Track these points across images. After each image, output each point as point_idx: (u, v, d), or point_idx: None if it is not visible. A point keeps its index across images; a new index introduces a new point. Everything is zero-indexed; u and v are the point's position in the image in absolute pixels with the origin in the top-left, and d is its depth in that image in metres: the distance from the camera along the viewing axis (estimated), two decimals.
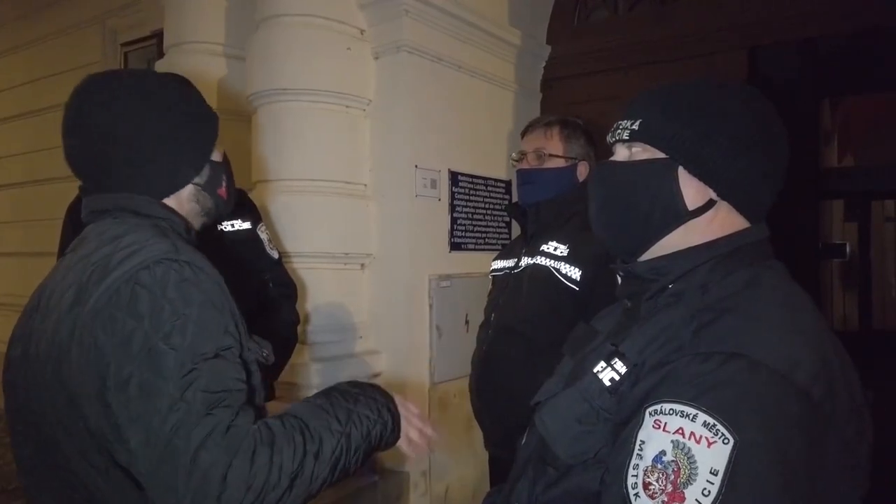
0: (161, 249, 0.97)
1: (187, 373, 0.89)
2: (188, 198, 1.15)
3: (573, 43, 3.61)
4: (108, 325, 0.92)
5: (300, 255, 2.69)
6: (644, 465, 0.74)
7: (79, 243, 1.08)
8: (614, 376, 0.84)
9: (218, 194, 1.19)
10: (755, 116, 0.91)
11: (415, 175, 2.87)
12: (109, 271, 0.95)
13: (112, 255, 0.97)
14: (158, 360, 0.90)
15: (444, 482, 3.00)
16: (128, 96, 1.08)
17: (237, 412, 0.92)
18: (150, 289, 0.93)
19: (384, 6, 2.83)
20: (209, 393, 0.90)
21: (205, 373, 0.91)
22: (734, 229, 0.91)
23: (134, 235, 1.01)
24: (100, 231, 1.06)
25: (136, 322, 0.91)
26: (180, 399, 0.88)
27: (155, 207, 1.09)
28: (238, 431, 0.89)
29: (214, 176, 1.18)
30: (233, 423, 0.90)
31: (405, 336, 2.87)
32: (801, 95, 5.04)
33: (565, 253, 1.86)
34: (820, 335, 0.82)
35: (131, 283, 0.93)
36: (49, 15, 5.10)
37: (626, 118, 0.96)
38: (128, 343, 0.90)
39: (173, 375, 0.89)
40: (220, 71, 3.15)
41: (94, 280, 0.95)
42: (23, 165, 5.27)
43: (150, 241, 0.99)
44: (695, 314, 0.83)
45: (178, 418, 0.87)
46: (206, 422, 0.88)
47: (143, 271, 0.94)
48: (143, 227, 1.04)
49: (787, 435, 0.71)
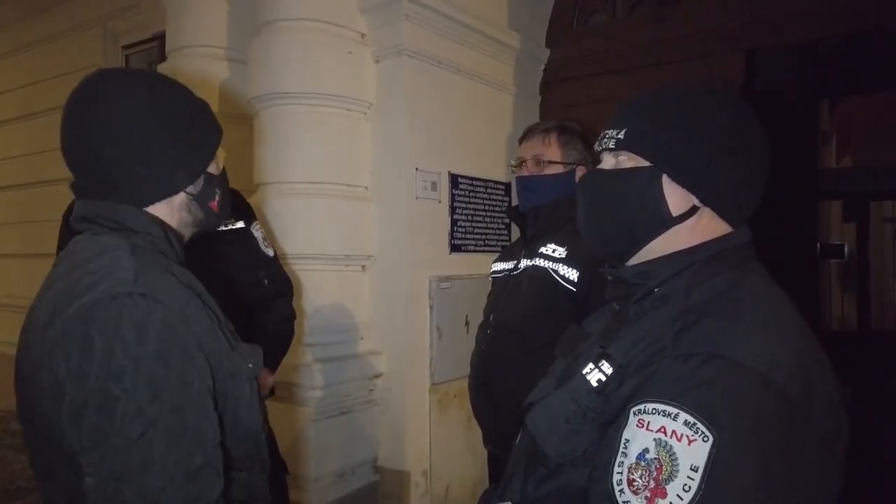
0: (119, 280, 0.94)
1: (139, 435, 0.88)
2: (179, 206, 1.13)
3: (572, 46, 3.64)
4: (62, 360, 0.91)
5: (301, 257, 2.72)
6: (628, 463, 0.77)
7: (61, 258, 1.06)
8: (601, 377, 0.88)
9: (209, 206, 1.17)
10: (738, 125, 0.94)
11: (415, 177, 2.90)
12: (73, 299, 0.94)
13: (80, 280, 0.96)
14: (110, 405, 0.88)
15: (445, 482, 3.03)
16: (135, 93, 1.06)
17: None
18: (102, 328, 0.90)
19: (385, 10, 2.86)
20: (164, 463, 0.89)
21: (160, 436, 0.89)
22: (717, 234, 0.95)
23: (102, 259, 0.99)
24: (79, 248, 1.04)
25: (88, 363, 0.89)
26: (130, 448, 0.88)
27: (139, 219, 1.07)
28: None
29: (208, 188, 1.15)
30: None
31: (406, 337, 2.90)
32: (798, 97, 5.06)
33: (563, 255, 1.90)
34: (798, 336, 0.85)
35: (85, 319, 0.91)
36: (50, 17, 5.11)
37: (612, 127, 0.99)
38: (81, 380, 0.89)
39: (124, 422, 0.88)
40: (221, 74, 3.18)
41: (61, 306, 0.95)
42: (23, 167, 5.29)
43: (113, 268, 0.96)
44: (677, 317, 0.86)
45: (129, 480, 0.87)
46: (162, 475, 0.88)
47: (95, 308, 0.92)
48: (117, 248, 1.01)
49: (764, 432, 0.74)
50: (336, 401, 2.73)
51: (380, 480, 2.91)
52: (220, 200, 1.19)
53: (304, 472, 2.62)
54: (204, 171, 1.15)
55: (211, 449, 0.95)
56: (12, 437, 4.32)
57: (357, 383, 2.84)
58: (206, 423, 0.95)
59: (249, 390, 1.08)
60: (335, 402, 2.73)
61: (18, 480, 3.64)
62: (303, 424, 2.65)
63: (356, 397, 2.83)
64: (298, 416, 2.65)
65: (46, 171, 4.95)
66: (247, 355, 1.09)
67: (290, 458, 2.14)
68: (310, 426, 2.65)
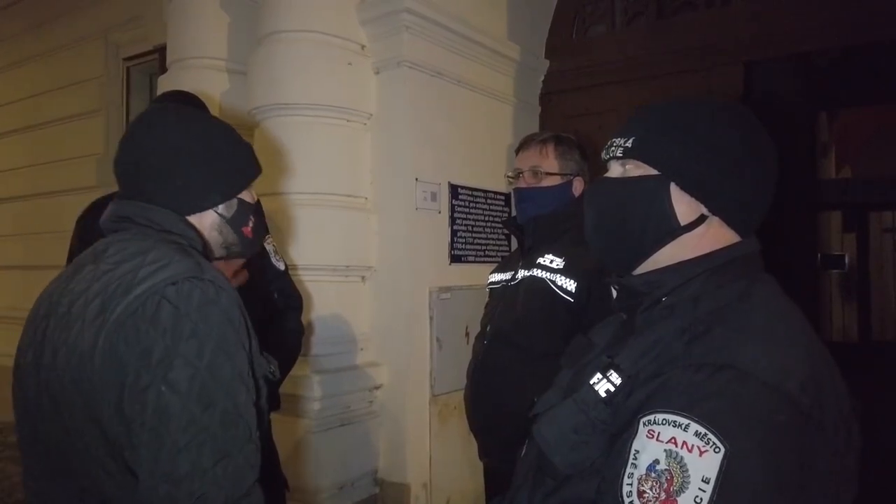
0: (187, 267, 1.01)
1: (203, 410, 0.94)
2: (210, 226, 1.19)
3: (571, 57, 3.65)
4: (131, 335, 0.95)
5: (301, 268, 2.72)
6: (638, 474, 0.76)
7: (99, 255, 1.09)
8: (610, 387, 0.87)
9: (242, 231, 1.23)
10: (746, 134, 0.94)
11: (415, 188, 2.90)
12: (135, 284, 0.98)
13: (138, 270, 1.00)
14: (175, 374, 0.93)
15: (445, 494, 3.00)
16: (184, 119, 1.19)
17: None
18: (175, 304, 0.96)
19: (385, 22, 2.87)
20: (216, 455, 0.94)
21: (215, 421, 0.95)
22: (725, 243, 0.94)
23: (158, 252, 1.03)
24: (122, 246, 1.08)
25: (158, 334, 0.94)
26: (190, 427, 0.93)
27: (177, 223, 1.13)
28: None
29: (242, 213, 1.22)
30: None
31: (406, 348, 2.89)
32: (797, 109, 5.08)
33: (561, 265, 1.89)
34: (809, 346, 0.84)
35: (157, 296, 0.96)
36: (51, 29, 5.13)
37: (619, 136, 0.98)
38: (148, 354, 0.94)
39: (188, 394, 0.93)
40: (222, 85, 3.19)
41: (119, 292, 0.98)
42: (25, 179, 5.30)
43: (175, 258, 1.02)
44: (687, 326, 0.85)
45: (190, 461, 0.92)
46: (209, 478, 0.93)
47: (169, 287, 0.97)
48: (166, 244, 1.07)
49: (776, 443, 0.73)
50: (336, 412, 2.72)
51: (380, 493, 2.88)
52: (254, 227, 1.26)
53: (304, 485, 2.60)
54: (237, 197, 1.21)
55: (248, 442, 1.00)
56: (11, 450, 4.29)
57: (357, 395, 2.82)
58: (249, 415, 1.01)
59: (266, 392, 1.12)
60: (335, 413, 2.71)
61: (17, 493, 3.62)
62: (302, 436, 2.63)
63: (356, 409, 2.81)
64: (298, 428, 2.63)
65: (48, 183, 4.96)
66: (270, 361, 1.15)
67: (290, 470, 2.11)
68: (309, 438, 2.63)
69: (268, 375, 1.12)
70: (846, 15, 2.90)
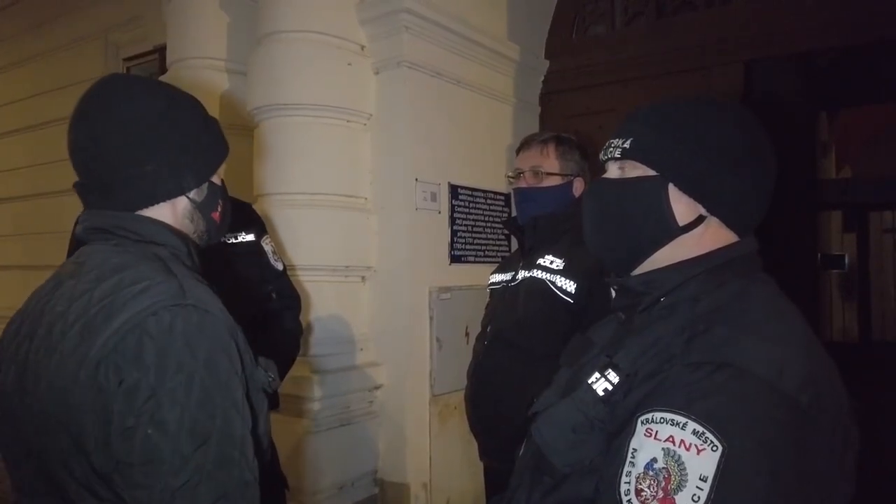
0: (168, 291, 0.93)
1: (195, 448, 0.88)
2: (183, 213, 1.10)
3: (571, 57, 3.65)
4: (112, 375, 0.88)
5: (301, 268, 2.72)
6: (636, 473, 0.76)
7: (78, 269, 1.01)
8: (608, 386, 0.87)
9: (211, 217, 1.15)
10: (744, 134, 0.94)
11: (415, 188, 2.90)
12: (115, 312, 0.91)
13: (116, 293, 0.93)
14: (162, 415, 0.87)
15: (445, 494, 3.00)
16: (150, 94, 1.06)
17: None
18: (157, 339, 0.89)
19: (384, 22, 2.87)
20: (212, 495, 0.89)
21: (210, 459, 0.89)
22: (724, 243, 0.94)
23: (136, 270, 0.96)
24: (100, 259, 1.00)
25: (142, 373, 0.88)
26: (183, 468, 0.87)
27: (159, 232, 1.05)
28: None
29: (212, 197, 1.14)
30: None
31: (406, 348, 2.88)
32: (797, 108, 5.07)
33: (561, 266, 1.89)
34: (807, 345, 0.84)
35: (137, 330, 0.89)
36: (51, 29, 5.14)
37: (617, 136, 0.98)
38: (132, 394, 0.87)
39: (177, 434, 0.87)
40: (221, 85, 3.19)
41: (100, 319, 0.91)
42: (24, 179, 5.30)
43: (156, 280, 0.95)
44: (686, 325, 0.85)
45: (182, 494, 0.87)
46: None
47: (150, 318, 0.90)
48: (144, 259, 1.00)
49: (774, 442, 0.73)
50: (335, 413, 2.72)
51: (379, 493, 2.88)
52: (222, 211, 1.18)
53: (303, 485, 2.60)
54: (209, 179, 1.13)
55: (247, 459, 0.96)
56: None
57: (357, 395, 2.82)
58: (244, 430, 0.96)
59: (266, 404, 1.08)
60: (334, 413, 2.71)
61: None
62: (302, 436, 2.62)
63: (356, 409, 2.81)
64: (297, 429, 2.63)
65: (48, 183, 4.95)
66: (268, 368, 1.09)
67: (289, 470, 2.11)
68: (309, 438, 2.63)
69: (266, 388, 1.07)
70: (846, 15, 2.90)
